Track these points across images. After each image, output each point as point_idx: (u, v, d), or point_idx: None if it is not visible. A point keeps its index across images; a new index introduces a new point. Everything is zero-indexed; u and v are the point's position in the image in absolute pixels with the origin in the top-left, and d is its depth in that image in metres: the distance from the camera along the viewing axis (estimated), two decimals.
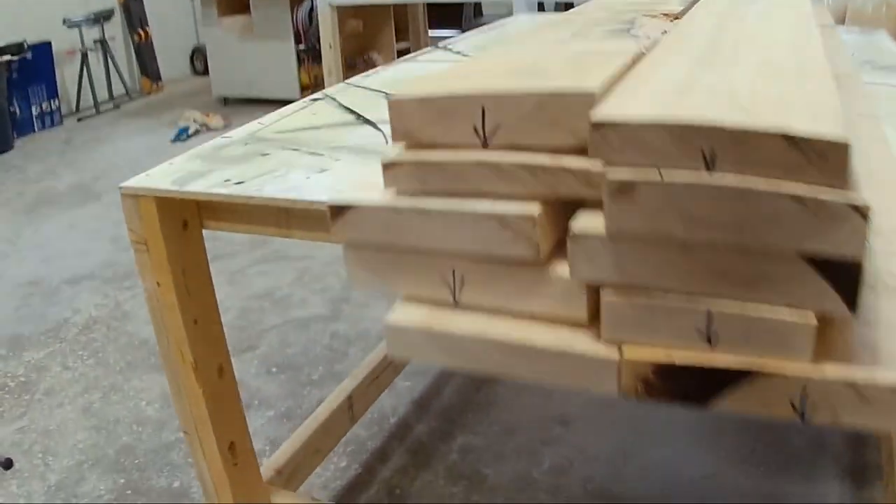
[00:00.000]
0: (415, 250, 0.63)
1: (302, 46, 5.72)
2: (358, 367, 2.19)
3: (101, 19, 5.97)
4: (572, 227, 0.55)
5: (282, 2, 5.62)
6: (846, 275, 0.47)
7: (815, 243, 0.47)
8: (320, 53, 5.35)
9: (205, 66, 6.28)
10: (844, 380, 0.50)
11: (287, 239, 1.11)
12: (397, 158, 0.61)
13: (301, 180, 1.06)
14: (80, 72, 5.87)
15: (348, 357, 2.41)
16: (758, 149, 0.47)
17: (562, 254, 0.59)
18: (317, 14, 5.19)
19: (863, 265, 0.47)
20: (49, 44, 5.58)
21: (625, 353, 0.55)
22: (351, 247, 0.66)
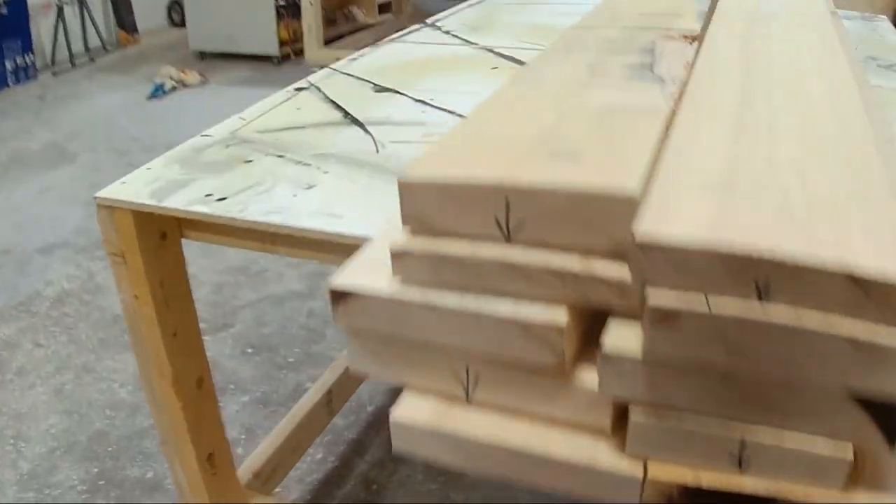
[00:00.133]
0: (424, 344, 0.58)
1: (282, 1, 5.59)
2: (337, 356, 2.16)
3: None
4: (604, 346, 0.51)
5: None
6: (891, 413, 0.44)
7: (864, 382, 0.44)
8: (300, 8, 5.24)
9: (182, 18, 6.11)
10: None
11: None
12: (408, 247, 0.56)
13: (287, 198, 1.01)
14: (56, 25, 5.69)
15: (325, 338, 2.37)
16: (817, 284, 0.44)
17: (586, 358, 0.55)
18: None
19: None
20: None
21: (650, 470, 0.52)
22: (354, 333, 0.61)
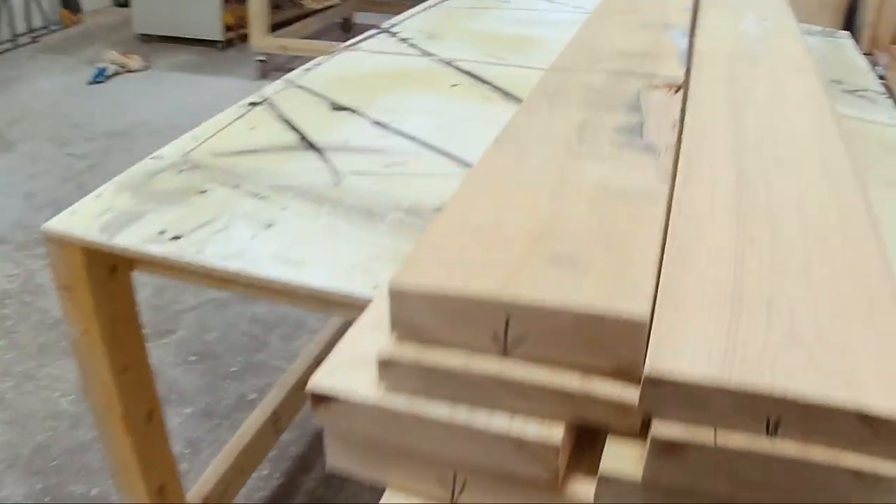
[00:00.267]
0: (410, 451, 0.56)
1: None
2: (280, 365, 2.13)
3: None
4: (602, 467, 0.50)
5: None
6: None
7: None
8: None
9: None
10: None
11: None
12: (396, 356, 0.53)
13: (245, 239, 0.98)
14: None
15: (268, 346, 2.34)
16: (827, 421, 0.44)
17: (578, 468, 0.54)
18: None
19: None
20: None
21: None
22: (334, 432, 0.59)
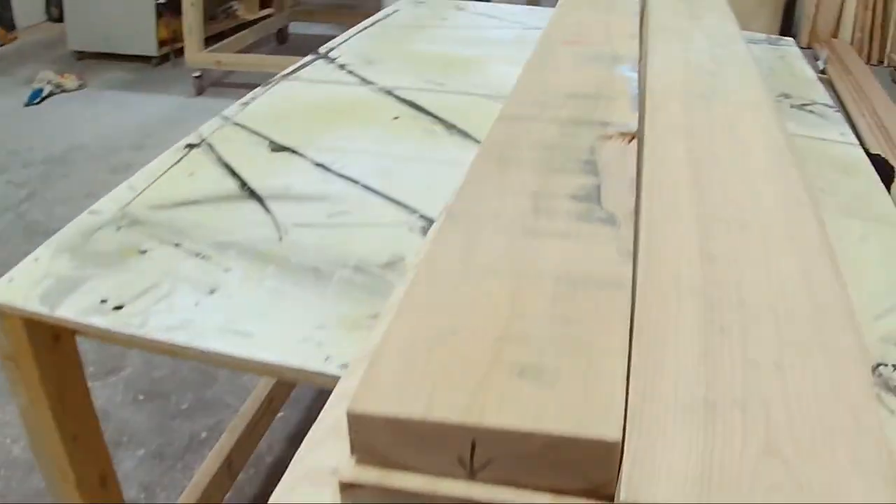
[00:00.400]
0: None
1: (161, 1, 5.40)
2: (230, 401, 2.12)
3: None
4: None
5: None
6: None
7: None
8: (180, 5, 5.06)
9: (62, 12, 5.84)
10: None
11: None
12: (357, 479, 0.52)
13: (189, 307, 0.97)
14: None
15: (217, 381, 2.32)
16: None
17: None
18: None
19: None
20: None
21: None
22: None
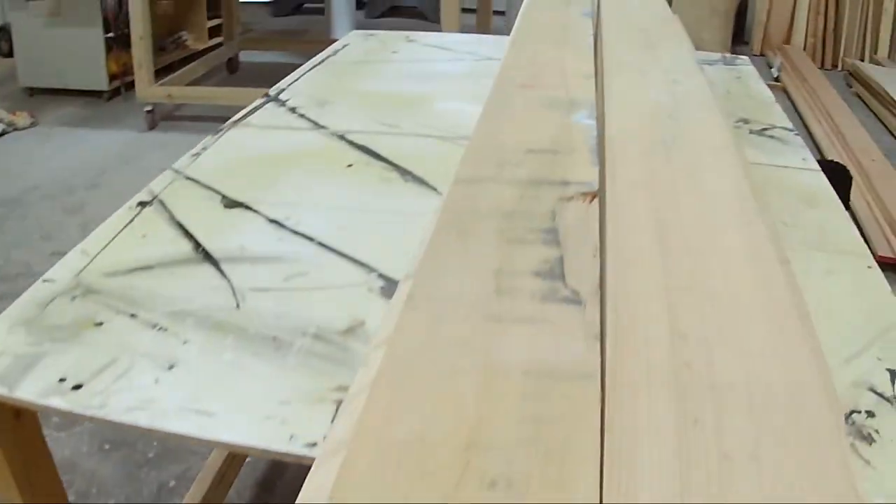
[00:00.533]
0: None
1: (111, 34, 5.36)
2: (196, 449, 2.10)
3: None
4: None
5: None
6: None
7: None
8: (129, 38, 5.03)
9: (11, 47, 5.77)
10: None
11: None
12: None
13: (149, 385, 0.97)
14: None
15: None
16: None
17: None
18: None
19: None
20: None
21: None
22: None
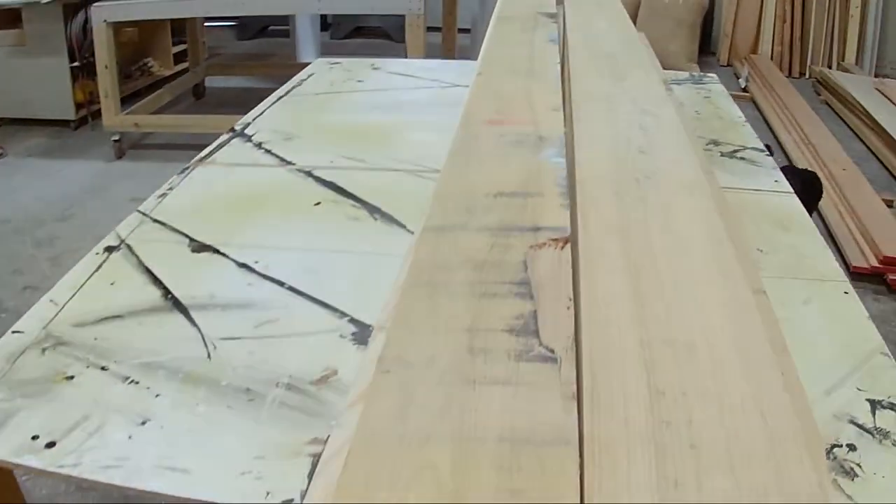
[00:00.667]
0: None
1: (76, 63, 5.34)
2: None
3: None
4: None
5: (55, 15, 5.18)
6: None
7: None
8: (95, 67, 5.02)
9: None
10: None
11: None
12: None
13: (122, 442, 0.98)
14: None
15: None
16: None
17: None
18: (91, 27, 4.86)
19: None
20: None
21: None
22: None
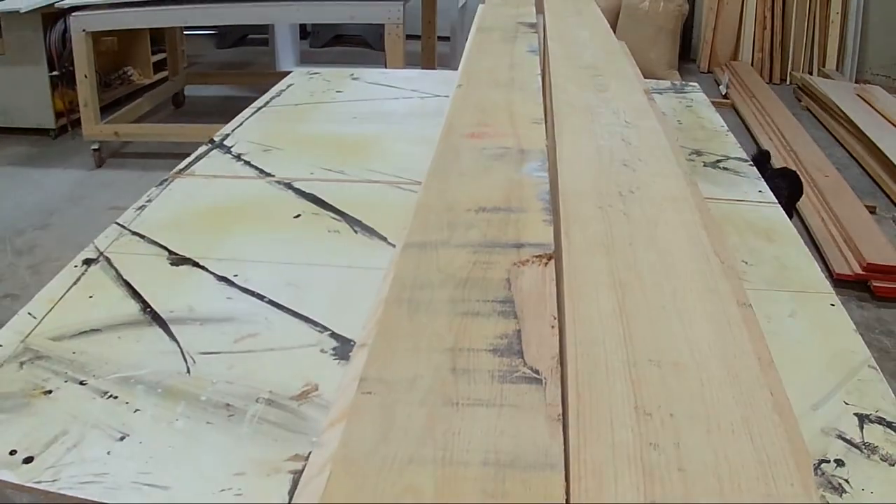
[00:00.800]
0: None
1: (56, 72, 5.32)
2: None
3: None
4: None
5: (35, 25, 5.16)
6: None
7: None
8: (75, 76, 5.00)
9: None
10: None
11: None
12: None
13: (101, 458, 0.98)
14: None
15: None
16: None
17: None
18: (70, 36, 4.85)
19: None
20: None
21: None
22: None
